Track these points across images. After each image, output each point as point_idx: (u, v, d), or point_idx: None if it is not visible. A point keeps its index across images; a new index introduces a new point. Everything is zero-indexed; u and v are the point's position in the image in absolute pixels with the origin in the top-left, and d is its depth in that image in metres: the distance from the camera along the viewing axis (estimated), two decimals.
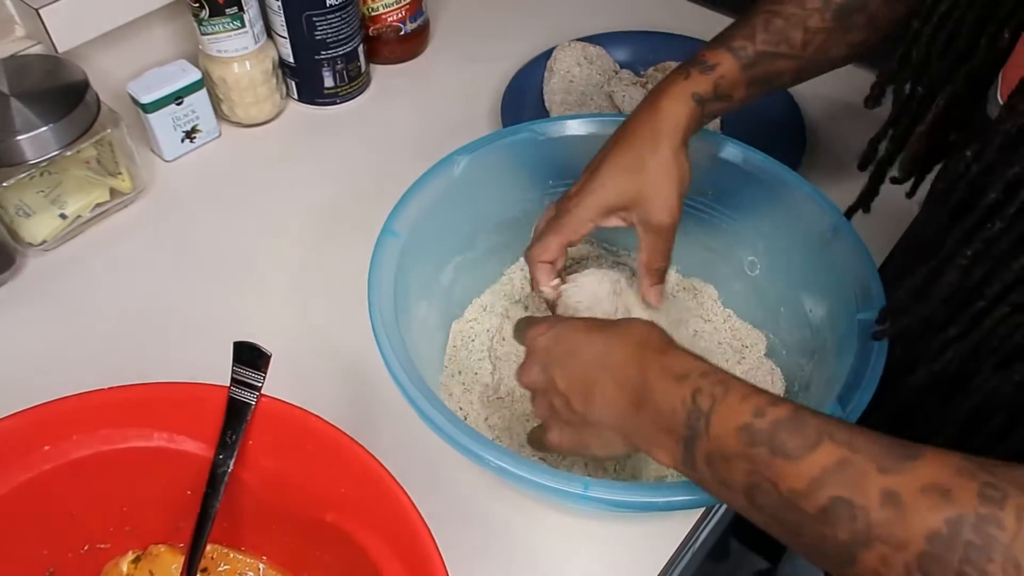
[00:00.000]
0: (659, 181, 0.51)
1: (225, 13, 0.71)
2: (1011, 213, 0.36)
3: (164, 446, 0.43)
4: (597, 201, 0.52)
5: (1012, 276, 0.36)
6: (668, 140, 0.51)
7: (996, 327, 0.38)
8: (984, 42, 0.45)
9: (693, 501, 0.43)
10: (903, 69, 0.50)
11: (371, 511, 0.39)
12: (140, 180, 0.72)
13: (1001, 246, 0.37)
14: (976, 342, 0.39)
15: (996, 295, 0.37)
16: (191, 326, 0.64)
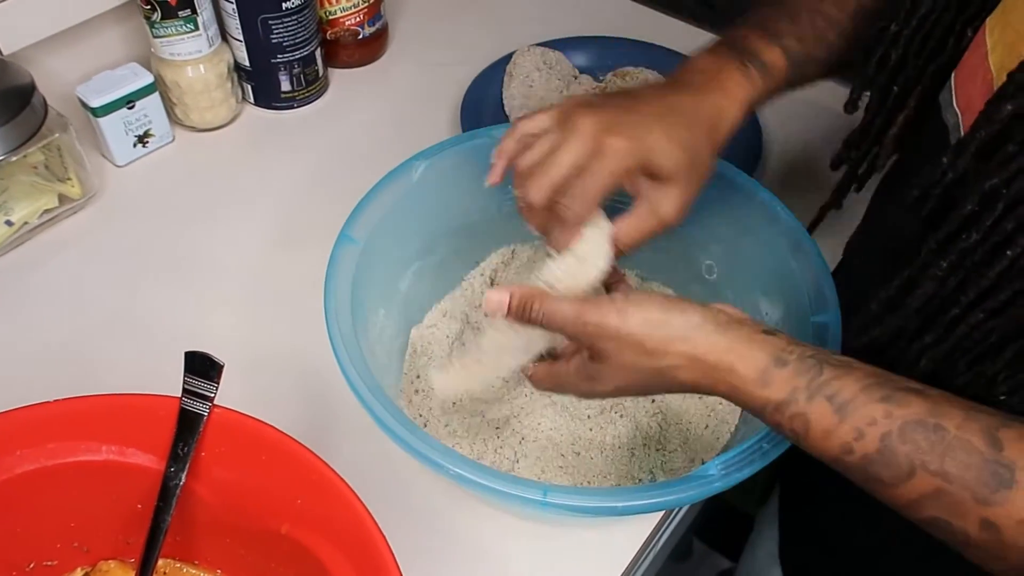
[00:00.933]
0: (699, 174, 0.48)
1: (178, 15, 0.70)
2: (988, 224, 0.36)
3: (113, 459, 0.42)
4: (648, 158, 0.45)
5: (988, 283, 0.37)
6: (718, 144, 0.49)
7: (970, 332, 0.39)
8: (951, 42, 0.47)
9: (653, 505, 0.44)
10: (880, 72, 0.50)
11: (327, 522, 0.39)
12: (90, 186, 0.71)
13: (976, 256, 0.37)
14: (951, 348, 0.40)
15: (971, 302, 0.38)
16: (142, 335, 0.62)
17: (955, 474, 0.33)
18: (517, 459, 0.57)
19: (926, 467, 0.34)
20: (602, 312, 0.41)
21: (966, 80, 0.43)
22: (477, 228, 0.62)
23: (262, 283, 0.66)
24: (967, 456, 0.33)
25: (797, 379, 0.38)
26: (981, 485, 0.33)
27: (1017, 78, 0.36)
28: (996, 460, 0.33)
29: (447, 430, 0.58)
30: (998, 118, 0.36)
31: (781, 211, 0.56)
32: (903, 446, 0.34)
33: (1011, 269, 0.36)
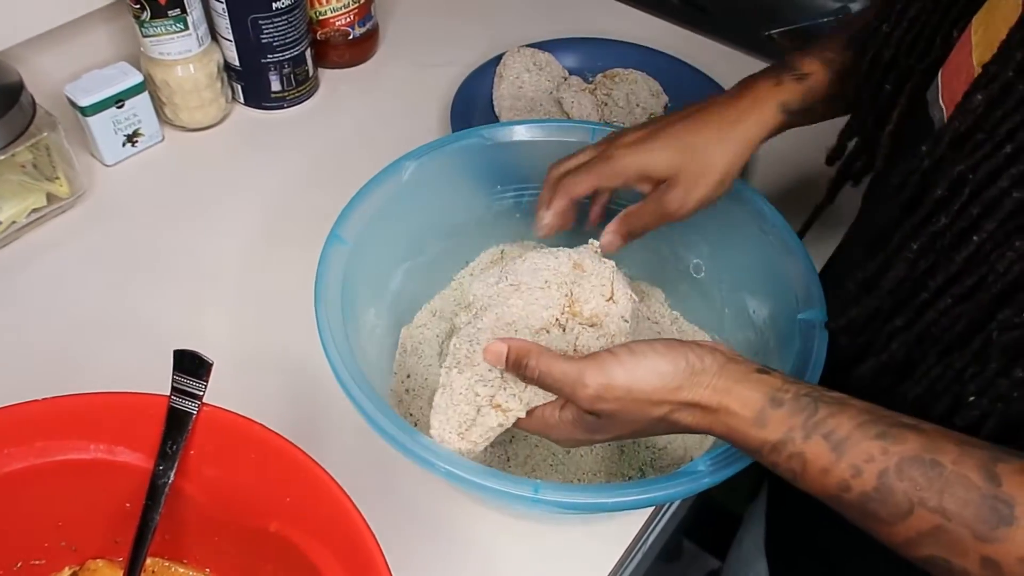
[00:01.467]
0: (704, 177, 0.51)
1: (167, 15, 0.70)
2: (955, 208, 0.37)
3: (102, 458, 0.42)
4: (646, 161, 0.51)
5: (955, 268, 0.38)
6: (734, 142, 0.51)
7: (939, 318, 0.39)
8: (939, 40, 0.48)
9: (643, 501, 0.44)
10: (874, 70, 0.51)
11: (316, 520, 0.39)
12: (79, 185, 0.70)
13: (945, 240, 0.38)
14: (920, 332, 0.40)
15: (939, 287, 0.39)
16: (131, 334, 0.62)
17: (954, 511, 0.33)
18: (508, 457, 0.57)
19: (924, 504, 0.33)
20: (606, 371, 0.41)
21: (951, 77, 0.43)
22: (467, 228, 0.62)
23: (252, 282, 0.66)
24: (965, 492, 0.33)
25: (793, 418, 0.38)
26: (980, 522, 0.32)
27: (990, 69, 0.36)
28: (995, 496, 0.32)
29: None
30: (971, 108, 0.37)
31: (768, 210, 0.57)
32: (901, 483, 0.34)
33: (977, 254, 0.37)
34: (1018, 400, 0.36)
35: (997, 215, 0.35)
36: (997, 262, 0.35)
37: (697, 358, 0.41)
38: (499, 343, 0.45)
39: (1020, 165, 0.34)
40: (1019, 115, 0.34)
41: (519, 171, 0.61)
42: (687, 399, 0.41)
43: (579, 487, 0.51)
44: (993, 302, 0.36)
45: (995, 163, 0.35)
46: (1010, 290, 0.35)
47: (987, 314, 0.37)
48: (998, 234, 0.36)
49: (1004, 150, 0.35)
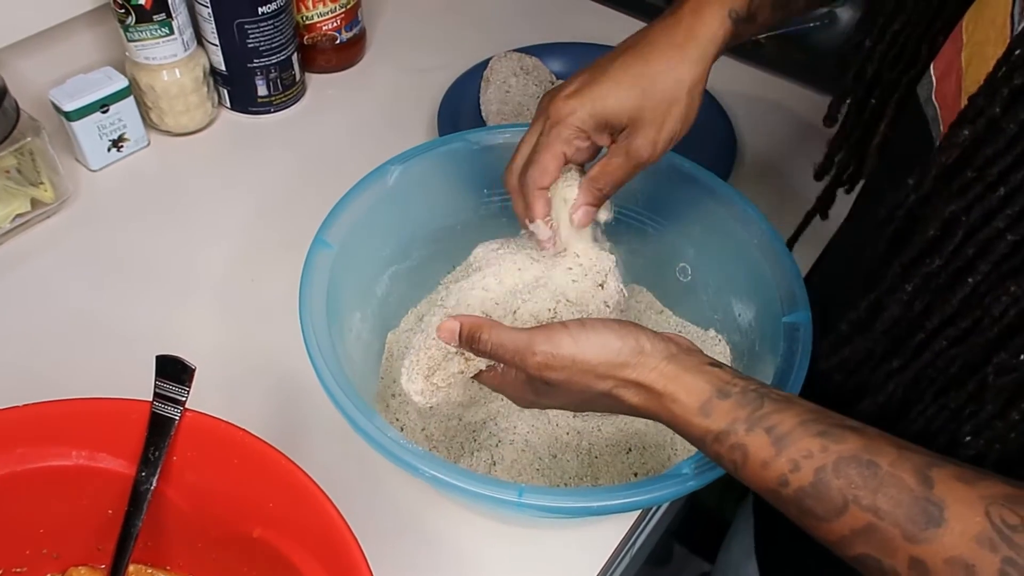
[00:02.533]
0: (670, 110, 0.46)
1: (152, 19, 0.70)
2: (950, 250, 0.37)
3: (84, 464, 0.41)
4: (596, 109, 0.46)
5: (950, 310, 0.37)
6: (692, 61, 0.46)
7: (934, 360, 0.39)
8: (924, 50, 0.47)
9: (628, 504, 0.44)
10: (857, 85, 0.51)
11: (299, 525, 0.39)
12: (63, 190, 0.70)
13: (940, 280, 0.38)
14: (917, 373, 0.40)
15: (935, 328, 0.38)
16: (115, 340, 0.62)
17: (886, 510, 0.33)
18: (494, 462, 0.57)
19: (858, 502, 0.34)
20: (555, 341, 0.42)
21: (945, 73, 0.43)
22: (453, 231, 0.62)
23: (238, 287, 0.66)
24: (898, 493, 0.33)
25: (738, 410, 0.38)
26: (911, 522, 0.33)
27: (977, 102, 0.36)
28: (927, 498, 0.33)
29: (424, 434, 0.58)
30: (957, 142, 0.36)
31: (753, 214, 0.57)
32: (837, 480, 0.35)
33: (972, 296, 0.36)
34: (1015, 440, 0.36)
35: (991, 257, 0.35)
36: (992, 305, 0.35)
37: (648, 341, 0.41)
38: (452, 320, 0.45)
39: (1015, 207, 0.34)
40: (1010, 156, 0.34)
41: None
42: (632, 378, 0.41)
43: (563, 491, 0.52)
44: (989, 345, 0.36)
45: (989, 205, 0.35)
46: (1006, 333, 0.35)
47: (983, 356, 0.36)
48: (993, 276, 0.35)
49: (998, 192, 0.34)
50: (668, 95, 0.46)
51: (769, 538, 0.65)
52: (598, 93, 0.46)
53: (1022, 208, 0.34)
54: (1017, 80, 0.34)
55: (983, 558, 0.31)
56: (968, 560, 0.31)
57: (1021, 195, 0.34)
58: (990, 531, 0.31)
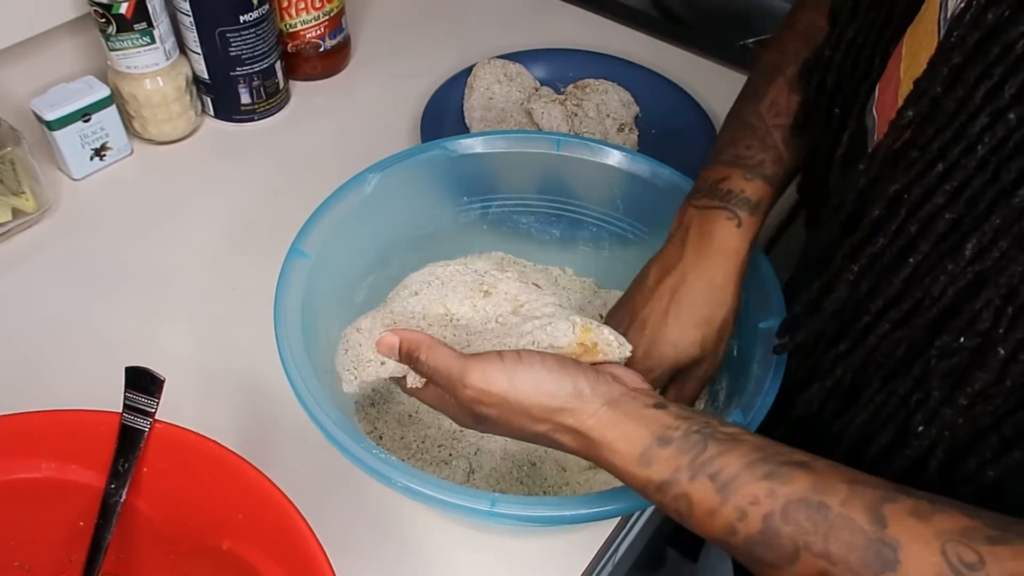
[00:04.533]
0: (721, 341, 0.51)
1: (133, 28, 0.70)
2: (893, 228, 0.37)
3: (53, 476, 0.41)
4: (670, 358, 0.50)
5: (894, 291, 0.37)
6: (733, 292, 0.51)
7: (879, 343, 0.39)
8: (878, 60, 0.48)
9: (603, 513, 0.44)
10: (820, 96, 0.52)
11: (269, 537, 0.38)
12: (45, 199, 0.70)
13: (884, 260, 0.37)
14: (864, 357, 0.40)
15: (879, 310, 0.38)
16: (95, 350, 0.61)
17: (839, 556, 0.32)
18: (472, 470, 0.56)
19: (810, 548, 0.33)
20: (487, 376, 0.40)
21: (884, 87, 0.44)
22: (433, 239, 0.62)
23: (219, 297, 0.66)
24: (851, 536, 0.32)
25: (680, 457, 0.36)
26: (865, 567, 0.31)
27: (920, 84, 0.36)
28: (880, 539, 0.32)
29: (402, 443, 0.57)
30: (902, 123, 0.37)
31: None
32: (786, 527, 0.33)
33: (913, 277, 0.36)
34: (964, 427, 0.35)
35: (931, 237, 0.35)
36: (932, 285, 0.35)
37: (588, 384, 0.39)
38: (391, 335, 0.44)
39: (952, 182, 0.34)
40: (949, 132, 0.34)
41: (485, 182, 0.61)
42: (568, 423, 0.39)
43: (536, 500, 0.51)
44: (930, 327, 0.36)
45: (929, 181, 0.35)
46: (946, 314, 0.35)
47: (926, 339, 0.36)
48: (932, 256, 0.35)
49: (936, 168, 0.35)
50: (723, 323, 0.51)
51: None
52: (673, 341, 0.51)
53: (960, 183, 0.34)
54: (956, 59, 0.34)
55: None
56: None
57: (958, 170, 0.34)
58: (947, 572, 0.30)
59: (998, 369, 0.33)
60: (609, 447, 0.38)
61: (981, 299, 0.33)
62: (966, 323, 0.34)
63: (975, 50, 0.34)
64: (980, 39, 0.33)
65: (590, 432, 0.38)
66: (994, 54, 0.33)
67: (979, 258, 0.34)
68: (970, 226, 0.34)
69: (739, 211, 0.51)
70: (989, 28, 0.33)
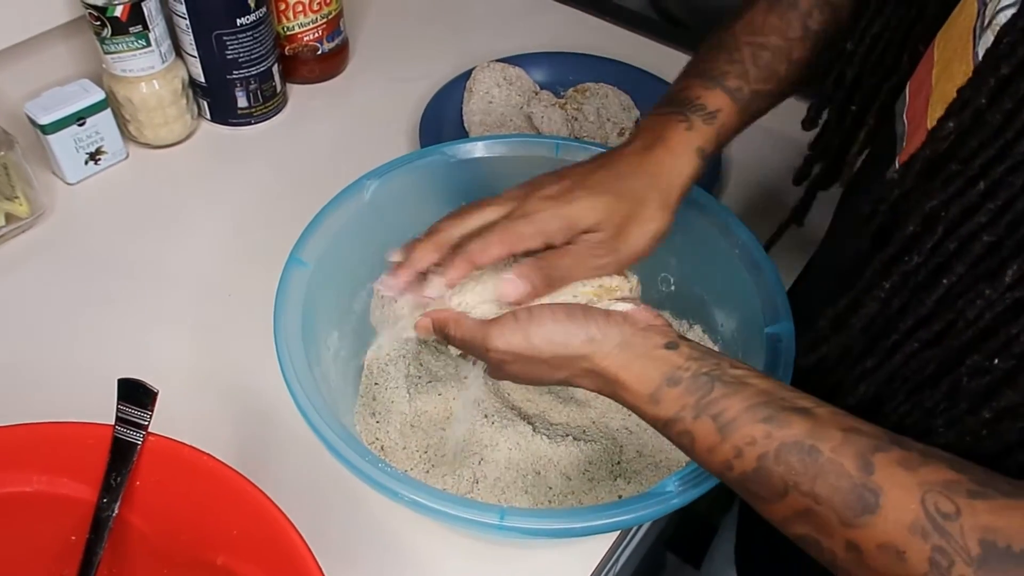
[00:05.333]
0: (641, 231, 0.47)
1: (129, 32, 0.69)
2: (928, 247, 0.36)
3: (44, 490, 0.40)
4: (565, 212, 0.45)
5: (925, 311, 0.37)
6: (665, 199, 0.47)
7: (908, 360, 0.38)
8: (906, 58, 0.47)
9: (612, 525, 0.43)
10: (837, 90, 0.51)
11: (263, 552, 0.38)
12: (39, 204, 0.69)
13: (918, 279, 0.37)
14: (890, 374, 0.40)
15: (909, 329, 0.38)
16: (85, 359, 0.60)
17: (824, 496, 0.34)
18: (477, 480, 0.56)
19: (798, 488, 0.35)
20: (506, 337, 0.43)
21: (915, 93, 0.43)
22: None
23: (216, 305, 0.65)
24: (837, 480, 0.34)
25: (686, 397, 0.39)
26: (847, 508, 0.33)
27: (964, 94, 0.35)
28: (864, 484, 0.33)
29: (404, 453, 0.57)
30: (941, 135, 0.36)
31: (735, 225, 0.56)
32: (778, 467, 0.35)
33: (947, 297, 0.36)
34: (987, 438, 0.35)
35: (968, 258, 0.35)
36: (967, 309, 0.35)
37: (598, 329, 0.42)
38: (423, 319, 0.46)
39: (996, 202, 0.33)
40: (993, 149, 0.33)
41: (484, 187, 0.60)
42: (585, 367, 0.42)
43: (546, 512, 0.50)
44: (963, 348, 0.36)
45: (968, 200, 0.34)
46: (979, 337, 0.35)
47: (957, 358, 0.36)
48: (968, 278, 0.35)
49: (978, 187, 0.34)
50: (635, 208, 0.46)
51: (748, 549, 0.64)
52: (571, 198, 0.46)
53: (1003, 203, 0.33)
54: (1004, 69, 0.33)
55: (914, 545, 0.31)
56: (899, 547, 0.32)
57: (1002, 189, 0.33)
58: (923, 519, 0.31)
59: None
60: (623, 386, 0.41)
61: (1019, 324, 0.33)
62: (1002, 345, 0.34)
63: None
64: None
65: (606, 372, 0.41)
66: None
67: (1019, 284, 0.33)
68: (1011, 251, 0.33)
69: (692, 115, 0.49)
70: None
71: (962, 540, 0.31)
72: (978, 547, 0.30)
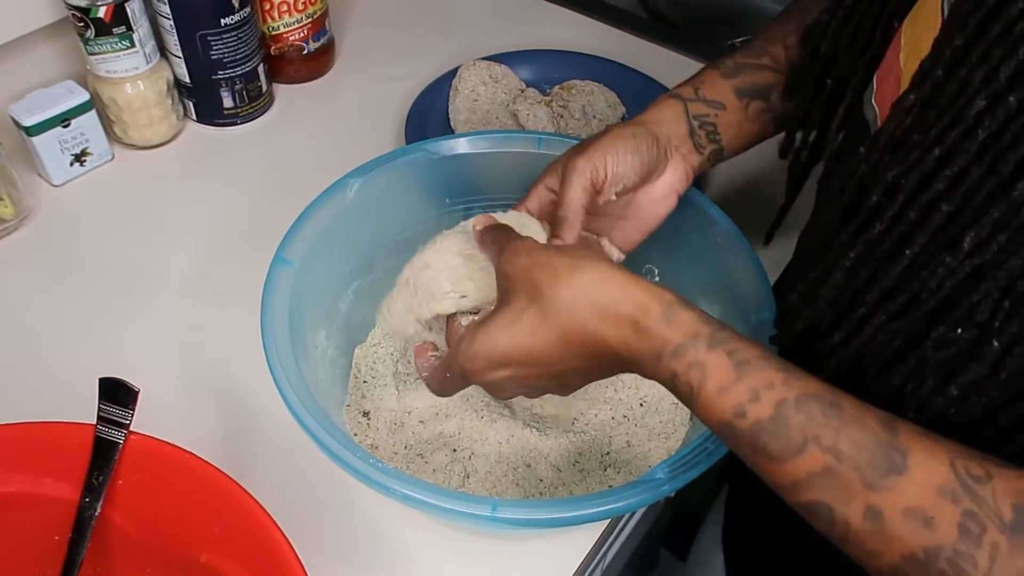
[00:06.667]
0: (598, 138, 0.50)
1: (112, 33, 0.69)
2: (890, 216, 0.36)
3: (26, 490, 0.40)
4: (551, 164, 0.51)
5: (890, 282, 0.37)
6: (631, 124, 0.51)
7: (875, 334, 0.38)
8: (879, 34, 0.47)
9: (604, 512, 0.43)
10: (813, 63, 0.51)
11: (246, 549, 0.38)
12: (24, 206, 0.69)
13: (882, 249, 0.37)
14: (859, 348, 0.39)
15: (875, 302, 0.38)
16: (70, 359, 0.60)
17: (847, 453, 0.32)
18: (467, 474, 0.56)
19: (818, 441, 0.32)
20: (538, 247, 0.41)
21: (884, 77, 0.43)
22: (417, 243, 0.60)
23: (203, 305, 0.65)
24: (862, 435, 0.32)
25: (700, 325, 0.36)
26: (872, 468, 0.31)
27: (924, 66, 0.36)
28: (890, 443, 0.31)
29: (394, 450, 0.57)
30: (904, 108, 0.36)
31: (716, 214, 0.56)
32: (798, 415, 0.33)
33: (911, 268, 0.36)
34: (955, 418, 0.35)
35: (928, 228, 0.35)
36: (930, 279, 0.35)
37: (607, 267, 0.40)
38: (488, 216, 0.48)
39: (952, 168, 0.33)
40: (948, 117, 0.33)
41: (467, 183, 0.60)
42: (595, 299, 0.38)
43: (537, 503, 0.51)
44: (927, 319, 0.35)
45: (927, 167, 0.34)
46: (943, 307, 0.35)
47: (922, 331, 0.36)
48: (930, 248, 0.35)
49: (934, 152, 0.34)
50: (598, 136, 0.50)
51: (736, 531, 0.64)
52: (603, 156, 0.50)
53: (959, 170, 0.33)
54: (958, 40, 0.33)
55: (943, 509, 0.30)
56: (927, 512, 0.30)
57: (958, 155, 0.33)
58: (953, 481, 0.30)
59: (992, 362, 0.33)
60: (634, 303, 0.37)
61: (979, 292, 0.33)
62: (964, 315, 0.34)
63: (977, 30, 0.33)
64: (982, 18, 0.32)
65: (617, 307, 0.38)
66: (994, 33, 0.32)
67: (977, 252, 0.33)
68: (969, 219, 0.33)
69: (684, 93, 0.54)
70: (991, 7, 0.32)
71: (994, 504, 0.29)
72: (1011, 512, 0.29)
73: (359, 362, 0.61)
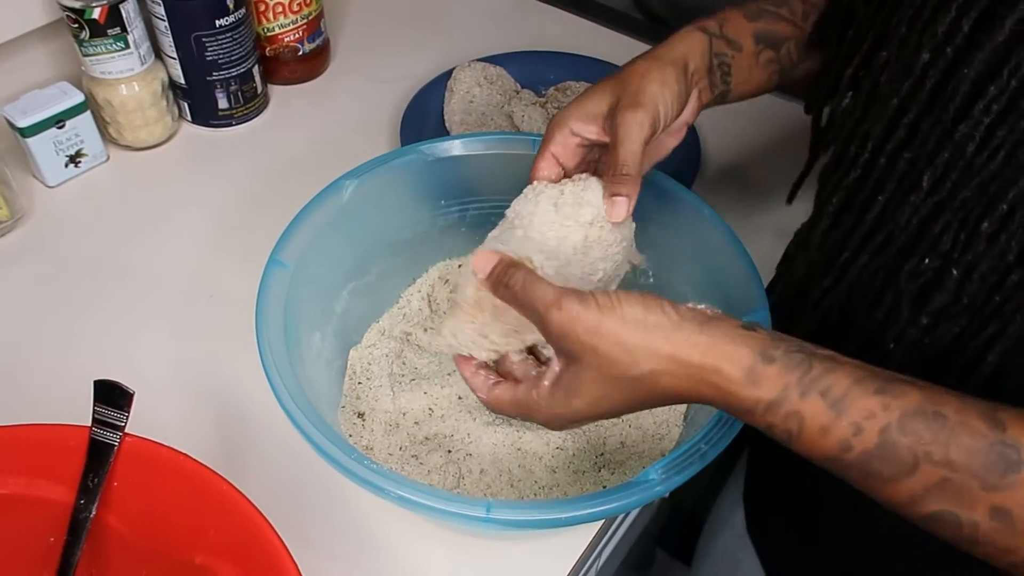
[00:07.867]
0: (643, 84, 0.48)
1: (107, 34, 0.69)
2: (862, 163, 0.39)
3: (21, 492, 0.40)
4: (579, 106, 0.49)
5: (867, 227, 0.39)
6: (662, 61, 0.49)
7: (860, 275, 0.40)
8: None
9: (598, 513, 0.43)
10: (836, 11, 0.51)
11: (241, 551, 0.38)
12: (18, 207, 0.69)
13: (861, 197, 0.39)
14: (848, 290, 0.41)
15: (856, 246, 0.40)
16: (65, 362, 0.60)
17: (960, 462, 0.31)
18: (462, 476, 0.56)
19: (930, 458, 0.32)
20: (583, 302, 0.38)
21: None
22: (412, 244, 0.61)
23: (198, 307, 0.65)
24: (971, 441, 0.31)
25: (787, 375, 0.35)
26: (988, 470, 0.31)
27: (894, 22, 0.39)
28: (1002, 441, 0.31)
29: (389, 451, 0.57)
30: (878, 64, 0.40)
31: (708, 214, 0.57)
32: (904, 438, 0.33)
33: (884, 212, 0.39)
34: (929, 346, 0.37)
35: (895, 175, 0.38)
36: (899, 218, 0.38)
37: (676, 312, 0.37)
38: (490, 253, 0.42)
39: (908, 116, 0.37)
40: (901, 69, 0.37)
41: (462, 185, 0.61)
42: (667, 352, 0.37)
43: (531, 504, 0.51)
44: (900, 254, 0.38)
45: (887, 117, 0.38)
46: (913, 242, 0.38)
47: (896, 266, 0.39)
48: (898, 194, 0.38)
49: (892, 103, 0.37)
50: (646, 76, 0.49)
51: (757, 491, 0.65)
52: (582, 97, 0.50)
53: (915, 117, 0.37)
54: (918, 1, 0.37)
55: None
56: None
57: (911, 104, 0.37)
58: None
59: (954, 290, 0.36)
60: (714, 369, 0.36)
61: (939, 223, 0.36)
62: (929, 246, 0.37)
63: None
64: None
65: (690, 357, 0.36)
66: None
67: (935, 190, 0.36)
68: (924, 162, 0.37)
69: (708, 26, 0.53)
70: None
71: None
72: None
73: (354, 363, 0.61)
